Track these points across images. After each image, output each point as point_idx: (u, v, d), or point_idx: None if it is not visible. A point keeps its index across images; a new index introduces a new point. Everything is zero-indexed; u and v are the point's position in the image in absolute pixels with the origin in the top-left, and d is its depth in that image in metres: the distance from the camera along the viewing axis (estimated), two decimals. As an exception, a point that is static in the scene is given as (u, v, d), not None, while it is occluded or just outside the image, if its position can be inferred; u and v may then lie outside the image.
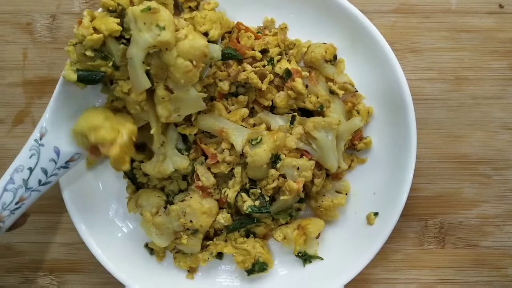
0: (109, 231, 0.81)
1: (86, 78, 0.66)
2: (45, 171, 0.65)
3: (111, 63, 0.66)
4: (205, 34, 0.73)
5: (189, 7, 0.73)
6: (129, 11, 0.63)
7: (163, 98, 0.69)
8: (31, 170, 0.63)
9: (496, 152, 0.86)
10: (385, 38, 0.78)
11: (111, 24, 0.64)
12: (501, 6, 0.87)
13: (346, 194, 0.81)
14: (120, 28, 0.64)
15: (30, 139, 0.65)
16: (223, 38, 0.80)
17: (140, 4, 0.64)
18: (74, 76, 0.66)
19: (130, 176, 0.82)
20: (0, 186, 0.62)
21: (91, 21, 0.65)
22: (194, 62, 0.66)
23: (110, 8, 0.65)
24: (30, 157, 0.63)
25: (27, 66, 0.89)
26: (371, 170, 0.82)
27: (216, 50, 0.70)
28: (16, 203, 0.64)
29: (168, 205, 0.78)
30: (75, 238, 0.86)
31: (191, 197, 0.77)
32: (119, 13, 0.66)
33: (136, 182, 0.82)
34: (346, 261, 0.79)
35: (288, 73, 0.78)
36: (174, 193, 0.81)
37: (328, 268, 0.80)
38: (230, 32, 0.79)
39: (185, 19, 0.70)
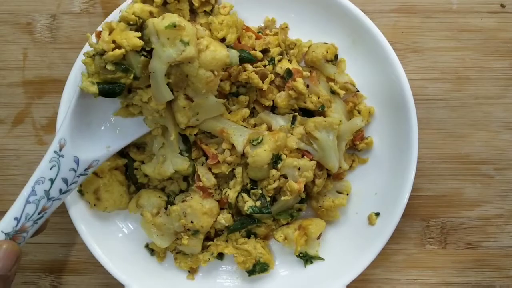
0: (109, 231, 0.81)
1: (107, 92, 0.66)
2: (65, 181, 0.66)
3: (132, 76, 0.66)
4: (222, 39, 0.73)
5: (204, 11, 0.73)
6: (151, 25, 0.64)
7: (184, 107, 0.70)
8: (52, 181, 0.64)
9: (498, 152, 0.86)
10: (386, 38, 0.77)
11: (133, 39, 0.63)
12: (502, 6, 0.87)
13: (347, 194, 0.81)
14: (142, 43, 0.64)
15: (49, 150, 0.65)
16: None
17: (160, 16, 0.64)
18: (93, 88, 0.66)
19: (131, 176, 0.82)
20: (23, 198, 0.63)
21: (109, 34, 0.64)
22: (216, 72, 0.67)
23: (131, 22, 0.65)
24: (51, 168, 0.64)
25: (27, 66, 0.89)
26: (372, 170, 0.82)
27: (234, 56, 0.71)
28: (39, 213, 0.64)
29: (169, 205, 0.78)
30: (75, 238, 0.86)
31: (192, 197, 0.77)
32: (139, 25, 0.65)
33: (137, 183, 0.82)
34: (347, 262, 0.78)
35: (289, 73, 0.78)
36: (175, 193, 0.81)
37: (329, 269, 0.79)
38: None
39: (201, 24, 0.70)
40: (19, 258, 0.62)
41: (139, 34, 0.64)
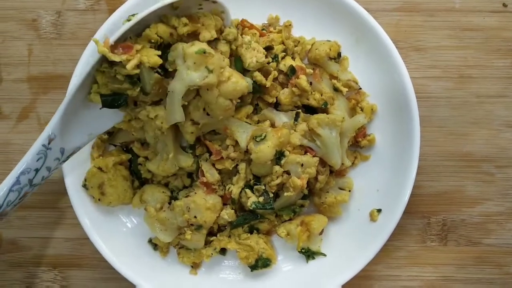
0: (113, 226, 0.82)
1: (110, 103, 0.68)
2: (49, 169, 0.67)
3: (138, 89, 0.67)
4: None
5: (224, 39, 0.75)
6: (179, 47, 0.66)
7: (191, 132, 0.73)
8: (37, 170, 0.65)
9: (499, 150, 0.87)
10: (389, 36, 0.78)
11: (154, 57, 0.65)
12: (504, 5, 0.87)
13: (350, 191, 0.82)
14: (161, 61, 0.66)
15: (37, 143, 0.65)
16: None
17: (179, 39, 0.67)
18: (98, 99, 0.67)
19: (135, 171, 0.82)
20: (6, 188, 0.63)
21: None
22: (234, 101, 0.71)
23: (152, 40, 0.66)
24: (37, 160, 0.64)
25: (32, 62, 0.89)
26: (374, 167, 0.82)
27: (250, 85, 0.74)
28: (20, 199, 0.65)
29: (173, 200, 0.78)
30: (79, 233, 0.87)
31: (195, 193, 0.77)
32: (159, 44, 0.67)
33: (141, 178, 0.82)
34: (348, 258, 0.79)
35: (292, 70, 0.79)
36: (179, 188, 0.81)
37: (331, 264, 0.80)
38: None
39: (221, 52, 0.72)
40: (1, 242, 0.63)
41: (159, 52, 0.66)
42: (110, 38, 0.64)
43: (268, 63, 0.79)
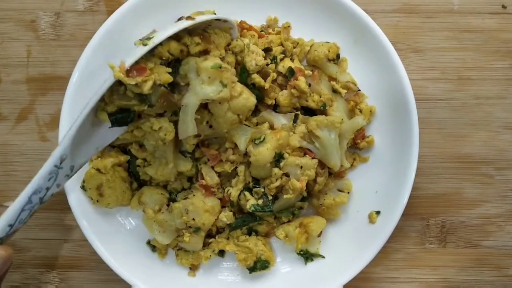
0: (111, 227, 0.81)
1: (118, 121, 0.68)
2: (58, 185, 0.67)
3: (146, 106, 0.67)
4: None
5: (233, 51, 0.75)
6: (192, 62, 0.67)
7: (193, 144, 0.75)
8: (48, 189, 0.66)
9: (498, 152, 0.86)
10: (388, 37, 0.78)
11: (166, 75, 0.66)
12: (503, 7, 0.87)
13: (348, 192, 0.82)
14: (172, 78, 0.67)
15: (49, 164, 0.65)
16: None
17: (188, 55, 0.68)
18: (106, 117, 0.68)
19: (133, 173, 0.82)
20: (19, 207, 0.64)
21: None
22: (241, 116, 0.72)
23: (164, 58, 0.67)
24: (49, 179, 0.65)
25: (31, 63, 0.89)
26: (373, 169, 0.82)
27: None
28: (30, 215, 0.66)
29: (171, 202, 0.78)
30: (77, 234, 0.87)
31: (194, 195, 0.77)
32: (169, 61, 0.68)
33: (139, 179, 0.82)
34: (347, 260, 0.79)
35: (291, 72, 0.79)
36: (177, 190, 0.81)
37: (330, 266, 0.80)
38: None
39: (228, 62, 0.73)
40: (11, 260, 0.65)
41: (170, 69, 0.66)
42: (125, 63, 0.63)
43: (267, 64, 0.79)
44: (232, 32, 0.74)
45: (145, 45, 0.65)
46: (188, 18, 0.67)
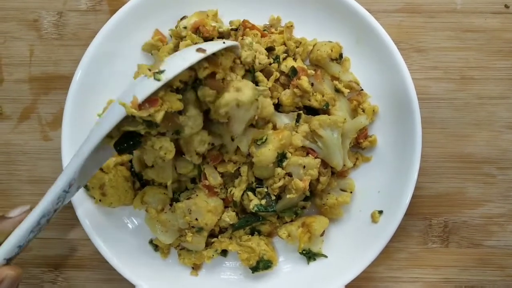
0: (114, 227, 0.81)
1: (125, 150, 0.68)
2: (64, 205, 0.68)
3: (155, 130, 0.66)
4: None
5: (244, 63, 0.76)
6: (232, 102, 0.68)
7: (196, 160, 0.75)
8: (55, 210, 0.66)
9: (501, 151, 0.86)
10: (390, 37, 0.78)
11: (177, 102, 0.65)
12: (506, 6, 0.87)
13: (351, 192, 0.82)
14: (183, 106, 0.66)
15: (58, 188, 0.65)
16: (229, 36, 0.80)
17: (196, 78, 0.68)
18: (112, 145, 0.67)
19: (136, 172, 0.82)
20: (27, 229, 0.64)
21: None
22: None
23: (174, 86, 0.66)
24: (57, 203, 0.66)
25: (33, 62, 0.89)
26: (376, 169, 0.82)
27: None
28: (36, 235, 0.67)
29: (174, 202, 0.78)
30: (79, 234, 0.87)
31: (197, 195, 0.77)
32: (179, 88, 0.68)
33: (142, 179, 0.82)
34: (350, 259, 0.79)
35: (293, 71, 0.78)
36: (180, 190, 0.81)
37: (332, 266, 0.80)
38: (236, 30, 0.79)
39: (236, 76, 0.74)
40: (20, 280, 0.65)
41: (180, 96, 0.66)
42: (138, 98, 0.62)
43: (270, 64, 0.79)
44: (235, 50, 0.74)
45: (158, 79, 0.63)
46: (199, 50, 0.66)
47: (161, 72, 0.64)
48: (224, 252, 0.82)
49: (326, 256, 0.81)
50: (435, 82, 0.87)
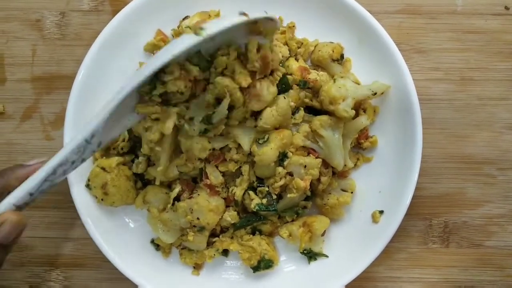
0: (116, 226, 0.82)
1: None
2: (83, 160, 0.67)
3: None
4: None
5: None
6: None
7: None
8: (73, 162, 0.65)
9: (501, 152, 0.87)
10: (391, 38, 0.78)
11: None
12: (507, 8, 0.88)
13: (352, 192, 0.82)
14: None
15: (81, 138, 0.64)
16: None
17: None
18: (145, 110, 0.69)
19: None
20: (42, 177, 0.63)
21: None
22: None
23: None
24: (76, 153, 0.64)
25: (36, 62, 0.89)
26: (376, 169, 0.82)
27: None
28: (51, 187, 0.65)
29: (175, 201, 0.78)
30: (81, 233, 0.87)
31: (198, 194, 0.78)
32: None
33: (144, 179, 0.82)
34: (350, 259, 0.79)
35: (304, 83, 0.79)
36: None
37: (333, 266, 0.80)
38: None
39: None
40: (23, 225, 0.64)
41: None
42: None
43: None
44: (275, 24, 0.72)
45: (199, 34, 0.62)
46: (242, 14, 0.66)
47: (202, 29, 0.63)
48: (225, 252, 0.82)
49: (327, 256, 0.81)
50: (436, 83, 0.87)
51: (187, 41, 0.63)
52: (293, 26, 0.83)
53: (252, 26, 0.69)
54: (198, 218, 0.76)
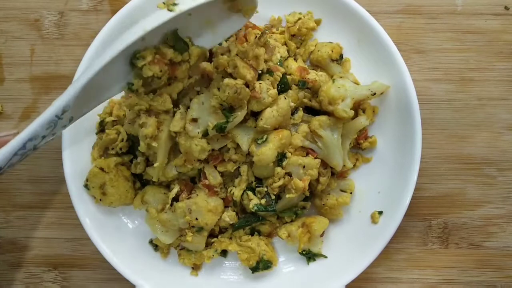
0: (114, 226, 0.82)
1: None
2: (53, 134, 0.65)
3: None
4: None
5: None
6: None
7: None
8: (44, 137, 0.63)
9: (500, 153, 0.87)
10: (391, 38, 0.78)
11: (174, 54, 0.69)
12: (506, 8, 0.88)
13: (351, 193, 0.82)
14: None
15: (51, 113, 0.62)
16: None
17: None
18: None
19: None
20: (12, 151, 0.62)
21: None
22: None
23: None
24: (47, 128, 0.63)
25: (34, 62, 0.89)
26: (376, 169, 0.82)
27: None
28: (20, 161, 0.64)
29: (174, 202, 0.78)
30: (80, 233, 0.86)
31: (197, 194, 0.77)
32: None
33: (142, 179, 0.82)
34: (349, 260, 0.79)
35: (303, 83, 0.79)
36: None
37: (332, 266, 0.80)
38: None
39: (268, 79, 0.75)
40: None
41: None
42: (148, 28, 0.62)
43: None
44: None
45: (171, 10, 0.62)
46: None
47: (175, 4, 0.62)
48: (224, 252, 0.82)
49: (325, 257, 0.81)
50: (435, 83, 0.87)
51: (160, 17, 0.62)
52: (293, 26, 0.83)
53: (231, 4, 0.68)
54: (196, 219, 0.76)
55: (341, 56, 0.83)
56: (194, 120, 0.72)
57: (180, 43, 0.68)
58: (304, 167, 0.76)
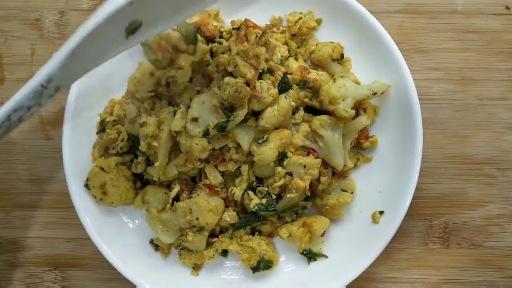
0: (114, 226, 0.81)
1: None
2: (40, 105, 0.62)
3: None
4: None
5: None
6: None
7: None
8: (29, 108, 0.60)
9: (501, 152, 0.87)
10: (392, 38, 0.78)
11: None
12: (507, 8, 0.88)
13: (352, 192, 0.81)
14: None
15: (35, 82, 0.59)
16: (230, 35, 0.81)
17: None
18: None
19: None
20: None
21: None
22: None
23: None
24: (32, 98, 0.60)
25: (35, 61, 0.89)
26: (376, 169, 0.82)
27: None
28: (5, 133, 0.61)
29: (175, 201, 0.78)
30: (80, 233, 0.86)
31: (198, 194, 0.77)
32: None
33: (143, 179, 0.82)
34: (350, 260, 0.79)
35: (304, 83, 0.79)
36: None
37: (333, 266, 0.80)
38: (238, 29, 0.80)
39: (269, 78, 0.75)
40: None
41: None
42: None
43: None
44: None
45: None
46: None
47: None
48: (224, 252, 0.82)
49: (326, 257, 0.81)
50: (436, 83, 0.87)
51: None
52: (293, 25, 0.83)
53: None
54: (197, 218, 0.76)
55: (342, 55, 0.83)
56: (195, 120, 0.72)
57: (192, 34, 0.69)
58: (305, 166, 0.75)
